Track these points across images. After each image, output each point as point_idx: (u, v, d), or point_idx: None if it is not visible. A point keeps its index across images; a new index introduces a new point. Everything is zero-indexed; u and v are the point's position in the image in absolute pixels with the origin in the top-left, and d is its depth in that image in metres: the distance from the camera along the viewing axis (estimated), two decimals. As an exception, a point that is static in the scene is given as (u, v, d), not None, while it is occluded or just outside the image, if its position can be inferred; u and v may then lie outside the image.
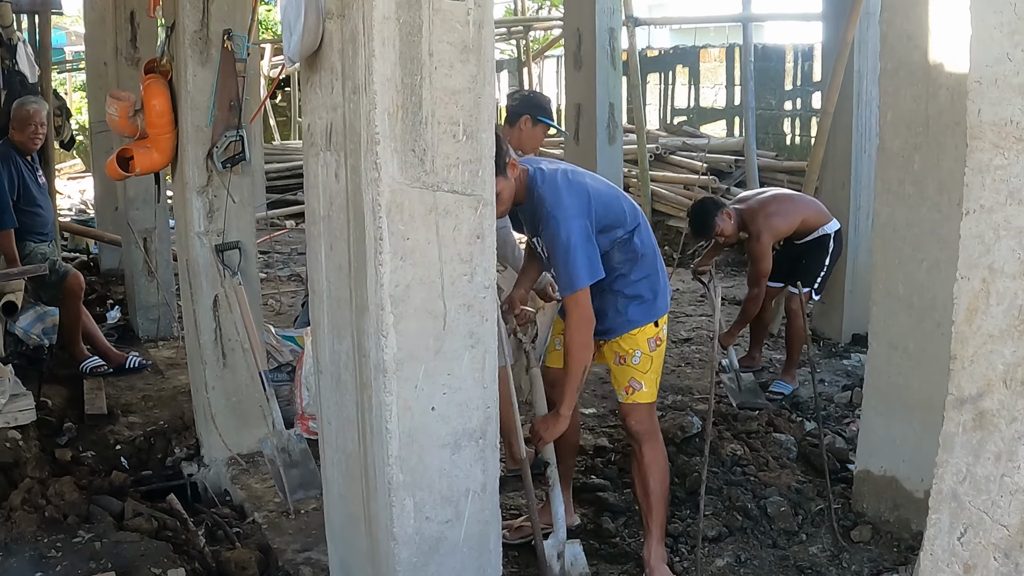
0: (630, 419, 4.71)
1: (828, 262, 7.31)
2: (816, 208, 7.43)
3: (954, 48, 4.52)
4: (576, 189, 4.37)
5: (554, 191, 4.32)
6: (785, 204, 7.37)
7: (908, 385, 4.96)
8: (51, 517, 4.82)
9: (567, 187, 4.35)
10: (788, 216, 7.25)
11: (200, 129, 5.55)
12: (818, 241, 7.31)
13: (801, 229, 7.31)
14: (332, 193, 3.37)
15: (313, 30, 3.23)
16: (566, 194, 4.32)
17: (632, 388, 4.64)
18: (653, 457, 4.73)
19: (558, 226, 4.26)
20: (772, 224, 7.16)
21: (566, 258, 4.25)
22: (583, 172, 4.59)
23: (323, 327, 3.63)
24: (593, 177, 4.62)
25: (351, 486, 3.62)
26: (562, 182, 4.37)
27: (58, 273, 7.49)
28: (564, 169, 4.50)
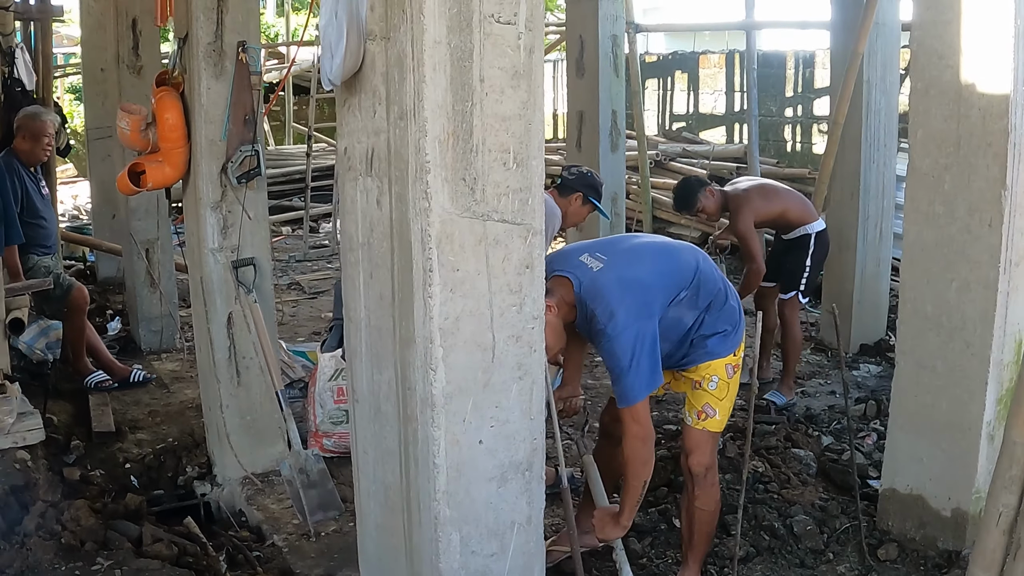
0: (693, 456, 4.55)
1: (809, 263, 7.23)
2: (801, 203, 7.36)
3: (986, 68, 4.48)
4: (627, 289, 4.18)
5: (605, 304, 4.14)
6: (769, 191, 7.35)
7: (936, 404, 4.91)
8: (68, 544, 4.74)
9: (618, 293, 4.16)
10: (770, 201, 7.20)
11: (214, 143, 5.47)
12: (798, 241, 7.26)
13: (782, 221, 7.26)
14: (373, 220, 3.29)
15: (355, 52, 3.17)
16: (617, 304, 4.13)
17: (705, 414, 4.50)
18: (707, 500, 4.63)
19: (612, 344, 4.11)
20: (752, 203, 7.13)
21: (622, 374, 4.12)
22: (631, 254, 4.42)
23: (360, 356, 3.55)
24: (639, 251, 4.47)
25: (391, 518, 3.55)
26: (610, 289, 4.17)
27: (62, 287, 7.39)
28: (611, 265, 4.28)
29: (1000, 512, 2.97)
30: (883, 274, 8.52)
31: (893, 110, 8.29)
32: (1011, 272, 4.58)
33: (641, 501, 4.38)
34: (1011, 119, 4.40)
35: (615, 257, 4.31)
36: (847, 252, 8.29)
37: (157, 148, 5.61)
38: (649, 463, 4.32)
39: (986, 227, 4.58)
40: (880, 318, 8.62)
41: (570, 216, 6.13)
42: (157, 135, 5.56)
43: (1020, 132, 4.44)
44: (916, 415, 5.02)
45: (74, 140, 14.50)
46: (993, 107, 4.47)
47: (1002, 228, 4.51)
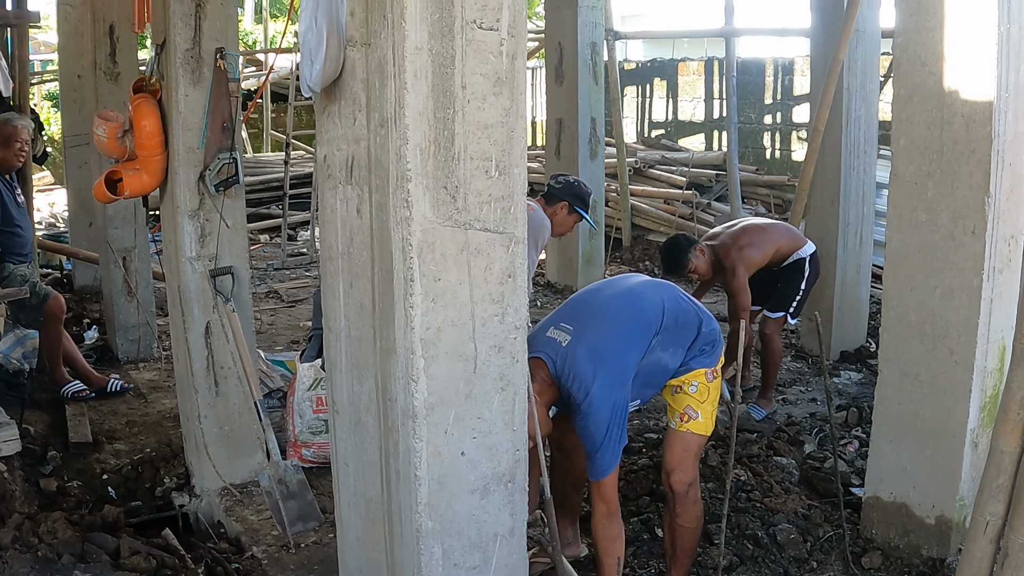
0: (675, 475, 4.55)
1: (804, 286, 7.24)
2: (789, 234, 7.36)
3: (969, 75, 4.48)
4: (600, 362, 4.15)
5: (579, 382, 4.12)
6: (757, 235, 7.28)
7: (919, 412, 4.91)
8: (45, 556, 4.66)
9: (590, 369, 4.13)
10: (762, 247, 7.18)
11: (192, 151, 5.42)
12: (794, 265, 7.25)
13: (776, 257, 7.24)
14: (353, 229, 3.25)
15: (335, 59, 3.12)
16: (591, 380, 4.12)
17: (688, 416, 4.50)
18: (689, 517, 4.62)
19: (587, 421, 4.13)
20: (746, 256, 7.09)
21: (595, 450, 4.15)
22: (596, 317, 4.38)
23: (340, 367, 3.51)
24: (603, 311, 4.43)
25: (372, 531, 3.50)
26: (582, 365, 4.14)
27: (38, 296, 7.31)
28: (578, 335, 4.24)
29: (987, 521, 2.96)
30: (863, 281, 8.53)
31: (873, 117, 8.30)
32: (995, 279, 4.57)
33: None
34: (994, 126, 4.40)
35: (581, 325, 4.29)
36: (827, 259, 8.28)
37: (134, 155, 5.55)
38: (619, 539, 4.34)
39: (969, 234, 4.57)
40: (860, 325, 8.63)
41: (556, 225, 6.14)
42: (134, 142, 5.50)
43: (1003, 139, 4.43)
44: (900, 423, 5.01)
45: (51, 147, 14.42)
46: (976, 114, 4.45)
47: (985, 235, 4.51)
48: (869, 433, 5.40)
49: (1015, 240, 4.64)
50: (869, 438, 5.36)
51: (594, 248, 10.69)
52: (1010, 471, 2.93)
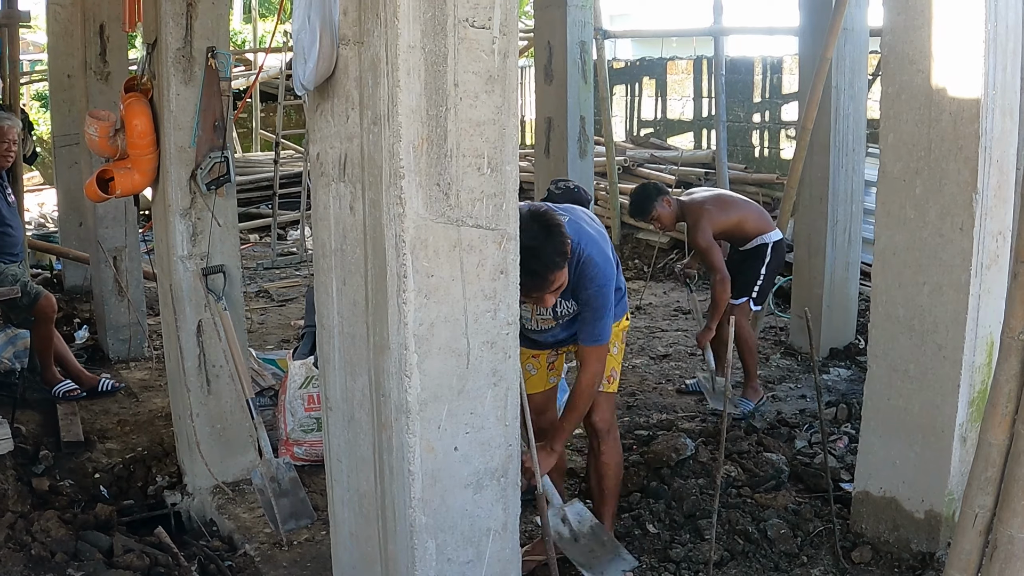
0: (597, 414, 4.89)
1: (764, 272, 7.21)
2: (758, 214, 7.35)
3: (957, 73, 4.49)
4: (604, 241, 4.52)
5: (598, 248, 4.42)
6: (725, 202, 7.31)
7: (908, 407, 4.93)
8: (38, 555, 4.66)
9: (600, 242, 4.47)
10: (726, 211, 7.18)
11: (183, 150, 5.43)
12: (755, 250, 7.25)
13: (739, 232, 7.23)
14: (346, 226, 3.27)
15: (328, 57, 3.14)
16: (610, 250, 4.50)
17: (612, 377, 4.90)
18: (613, 454, 5.01)
19: (607, 282, 4.42)
20: (708, 212, 7.08)
21: (605, 315, 4.46)
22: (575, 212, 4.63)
23: (333, 363, 3.53)
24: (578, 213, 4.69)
25: (365, 527, 3.52)
26: (592, 237, 4.45)
27: (29, 295, 7.31)
28: (580, 219, 4.54)
29: (976, 514, 2.98)
30: (852, 278, 8.56)
31: (861, 115, 8.32)
32: (982, 275, 4.60)
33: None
34: (982, 123, 4.42)
35: (572, 214, 4.52)
36: (816, 257, 8.33)
37: (126, 155, 5.55)
38: (594, 398, 4.71)
39: (957, 231, 4.59)
40: (849, 322, 8.66)
41: None
42: (126, 141, 5.51)
43: (991, 136, 4.46)
44: (889, 418, 5.03)
45: (40, 147, 14.42)
46: (964, 111, 4.48)
47: (973, 231, 4.53)
48: (859, 429, 5.43)
49: (1002, 236, 4.66)
50: (859, 434, 5.39)
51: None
52: (998, 464, 2.96)
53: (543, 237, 4.00)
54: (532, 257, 3.89)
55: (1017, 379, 2.91)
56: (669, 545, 5.16)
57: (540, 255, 3.96)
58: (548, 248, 4.02)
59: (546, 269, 4.03)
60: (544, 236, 4.00)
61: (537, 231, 3.96)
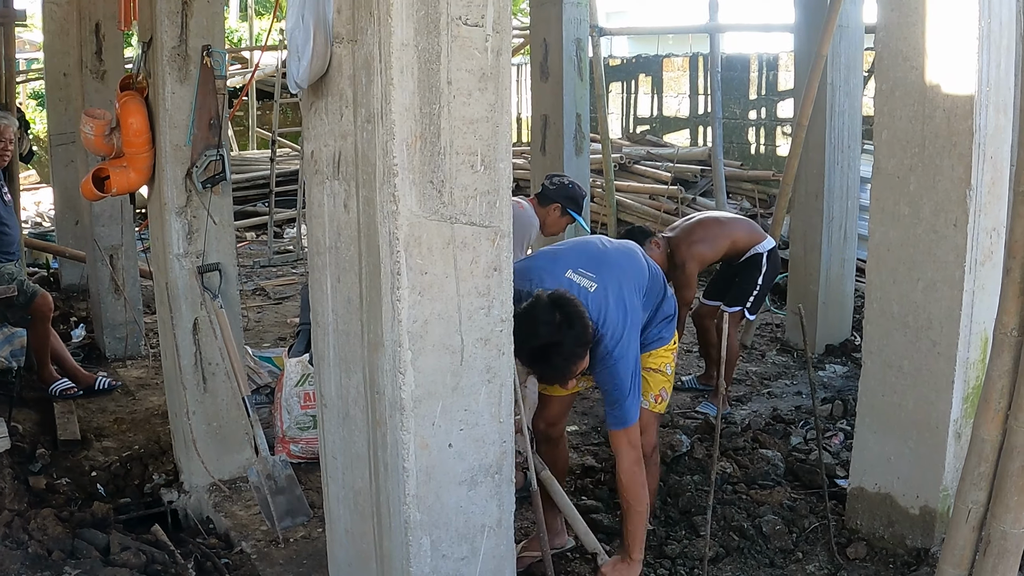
0: (645, 436, 4.66)
1: (761, 282, 7.21)
2: (747, 228, 7.34)
3: (951, 69, 4.51)
4: (625, 311, 4.28)
5: (613, 327, 4.22)
6: (712, 229, 7.26)
7: (903, 404, 4.94)
8: (35, 553, 4.65)
9: (620, 316, 4.25)
10: (714, 242, 7.16)
11: (179, 148, 5.43)
12: (751, 260, 7.25)
13: (732, 251, 7.24)
14: (340, 224, 3.28)
15: (322, 55, 3.15)
16: (622, 326, 4.23)
17: (661, 397, 4.77)
18: (653, 479, 4.87)
19: (617, 366, 4.21)
20: (696, 252, 7.07)
21: (624, 397, 4.24)
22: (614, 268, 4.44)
23: (328, 361, 3.53)
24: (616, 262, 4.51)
25: (360, 523, 3.53)
26: (613, 311, 4.24)
27: (26, 294, 7.32)
28: (603, 283, 4.31)
29: (969, 509, 3.00)
30: (847, 275, 8.57)
31: (857, 112, 8.33)
32: (976, 271, 4.61)
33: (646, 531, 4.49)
34: (976, 120, 4.43)
35: (602, 274, 4.35)
36: (812, 253, 8.34)
37: (121, 153, 5.56)
38: (646, 485, 4.44)
39: (952, 227, 4.60)
40: (845, 319, 8.67)
41: (548, 226, 6.19)
42: (121, 140, 5.52)
43: (985, 132, 4.46)
44: (883, 414, 5.05)
45: (36, 146, 14.41)
46: (958, 108, 4.49)
47: (967, 228, 4.54)
48: (854, 425, 5.44)
49: (996, 233, 4.66)
50: (854, 430, 5.40)
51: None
52: (991, 459, 2.97)
53: (565, 329, 3.93)
54: (554, 352, 3.93)
55: (1010, 375, 2.93)
56: (665, 541, 5.18)
57: (561, 349, 3.93)
58: (569, 341, 3.95)
59: (567, 362, 4.00)
60: (566, 328, 3.94)
61: (560, 322, 3.92)
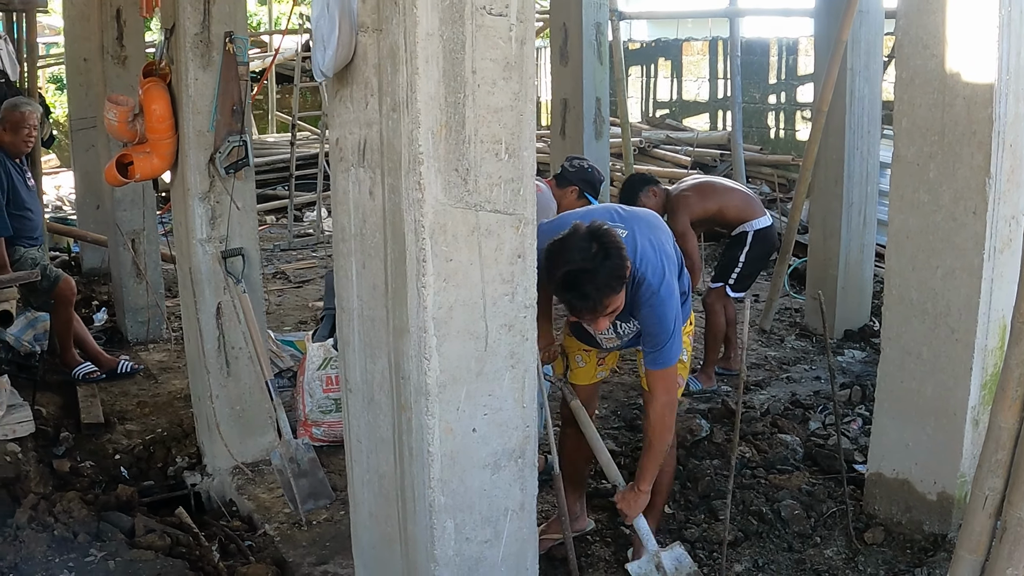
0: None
1: (743, 260, 7.25)
2: (742, 201, 7.38)
3: (971, 57, 4.52)
4: (663, 255, 4.26)
5: (655, 267, 4.19)
6: (707, 190, 7.37)
7: (921, 390, 4.96)
8: (60, 535, 4.72)
9: (659, 258, 4.23)
10: (706, 199, 7.24)
11: (202, 134, 5.48)
12: (737, 237, 7.30)
13: (720, 218, 7.31)
14: (366, 211, 3.31)
15: (347, 44, 3.18)
16: (663, 267, 4.21)
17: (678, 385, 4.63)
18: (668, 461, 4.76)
19: (664, 307, 4.19)
20: (685, 200, 7.20)
21: (667, 338, 4.22)
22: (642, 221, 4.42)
23: (353, 346, 3.57)
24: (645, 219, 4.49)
25: (385, 506, 3.58)
26: (652, 253, 4.21)
27: (49, 279, 7.38)
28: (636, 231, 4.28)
29: (986, 495, 3.02)
30: (867, 260, 8.56)
31: (876, 97, 8.32)
32: (995, 259, 4.62)
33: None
34: (995, 108, 4.44)
35: (632, 224, 4.32)
36: (831, 239, 8.34)
37: (145, 139, 5.60)
38: (672, 429, 4.45)
39: (971, 215, 4.62)
40: (864, 304, 8.67)
41: (564, 208, 6.20)
42: (145, 126, 5.56)
43: (1004, 121, 4.47)
44: (902, 401, 5.07)
45: (56, 130, 14.47)
46: (977, 96, 4.50)
47: (986, 216, 4.55)
48: (872, 411, 5.47)
49: (1015, 221, 4.68)
50: (872, 416, 5.43)
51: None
52: (1008, 447, 3.00)
53: (600, 259, 3.90)
54: (587, 279, 3.88)
55: (1028, 362, 2.95)
56: (684, 525, 5.23)
57: (595, 278, 3.89)
58: (604, 271, 3.90)
59: (600, 293, 3.94)
60: (602, 258, 3.90)
61: (596, 252, 3.90)
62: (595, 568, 4.86)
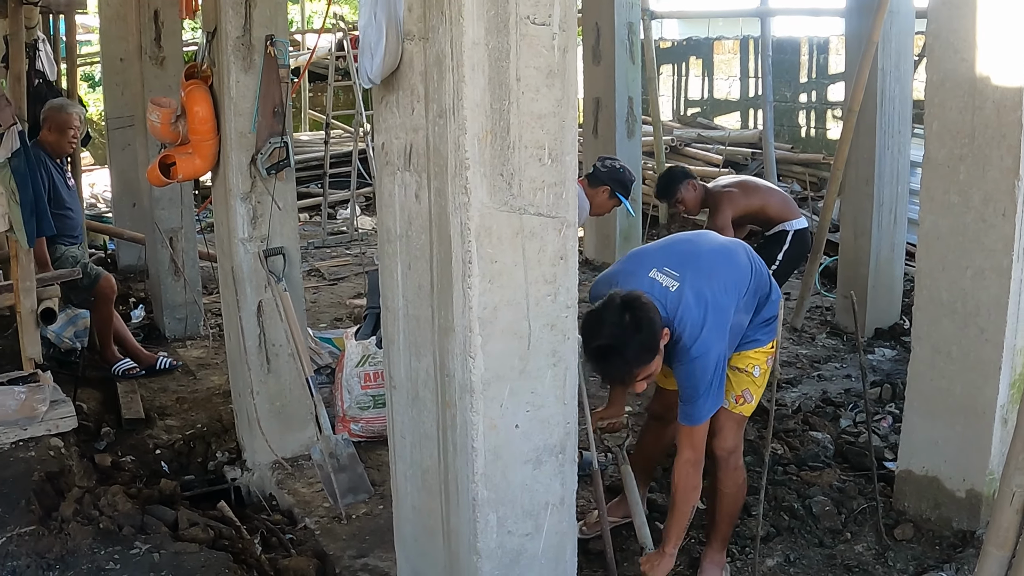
0: (717, 439, 4.59)
1: (781, 258, 7.26)
2: (782, 201, 7.41)
3: (1001, 62, 4.58)
4: (708, 310, 4.18)
5: (692, 325, 4.14)
6: (749, 188, 7.40)
7: (951, 389, 5.02)
8: (106, 528, 4.78)
9: (701, 314, 4.16)
10: (748, 196, 7.26)
11: (244, 135, 5.57)
12: (775, 236, 7.31)
13: (762, 216, 7.32)
14: (411, 213, 3.40)
15: (394, 52, 3.27)
16: (702, 325, 4.15)
17: (743, 399, 4.61)
18: (729, 483, 4.72)
19: (695, 365, 4.16)
20: (731, 197, 7.23)
21: (698, 397, 4.20)
22: (701, 268, 4.34)
23: (398, 344, 3.66)
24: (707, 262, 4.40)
25: (428, 500, 3.67)
26: (693, 310, 4.15)
27: (90, 276, 7.50)
28: (687, 282, 4.22)
29: (1014, 492, 3.07)
30: (897, 259, 8.57)
31: (907, 97, 8.33)
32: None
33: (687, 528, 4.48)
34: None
35: (686, 272, 4.28)
36: (862, 238, 8.36)
37: (187, 140, 5.71)
38: (698, 489, 4.41)
39: (1000, 216, 4.67)
40: (894, 303, 8.68)
41: (595, 207, 6.27)
42: (187, 127, 5.66)
43: (1033, 124, 4.53)
44: (932, 399, 5.12)
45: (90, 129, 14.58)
46: (1007, 99, 4.55)
47: (1016, 217, 4.61)
48: (902, 409, 5.52)
49: (1045, 222, 4.73)
50: (902, 414, 5.49)
51: (631, 226, 10.75)
52: (1037, 443, 3.05)
53: (631, 332, 3.93)
54: (616, 353, 3.92)
55: (1056, 362, 3.01)
56: (717, 521, 5.30)
57: (625, 351, 3.93)
58: (633, 345, 3.94)
59: (628, 366, 3.98)
60: (632, 331, 3.93)
61: (626, 325, 3.94)
62: (631, 562, 4.93)
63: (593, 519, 5.09)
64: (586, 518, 5.08)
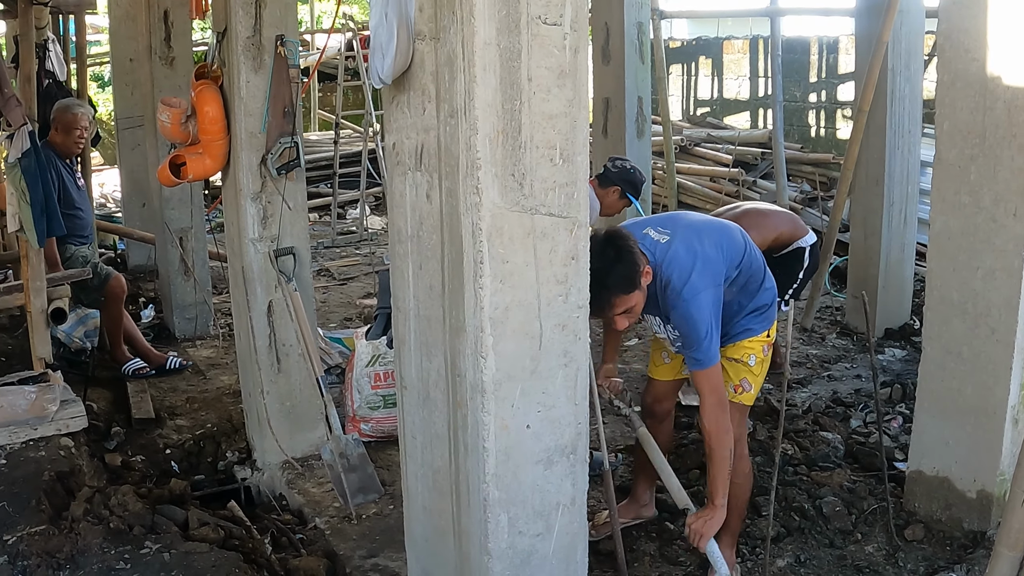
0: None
1: (802, 276, 7.21)
2: (791, 222, 7.34)
3: (1011, 62, 4.56)
4: (698, 258, 4.29)
5: (680, 270, 4.25)
6: (758, 219, 7.24)
7: (962, 389, 5.00)
8: (116, 528, 4.79)
9: (690, 261, 4.27)
10: (761, 231, 7.14)
11: (254, 135, 5.58)
12: (794, 254, 7.24)
13: (775, 244, 7.27)
14: (423, 213, 3.40)
15: (405, 52, 3.26)
16: (691, 270, 4.25)
17: (742, 388, 4.64)
18: (737, 472, 4.67)
19: (689, 307, 4.22)
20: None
21: (700, 339, 4.22)
22: (692, 229, 4.49)
23: (409, 344, 3.66)
24: (699, 227, 4.55)
25: (439, 501, 3.67)
26: (682, 258, 4.28)
27: (100, 276, 7.52)
28: (677, 238, 4.37)
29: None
30: (907, 259, 8.56)
31: (917, 97, 8.32)
32: (1034, 261, 4.67)
33: (729, 476, 4.43)
34: (1036, 111, 4.49)
35: (679, 231, 4.41)
36: (872, 238, 8.35)
37: (197, 140, 5.71)
38: (730, 432, 4.39)
39: (1011, 216, 4.67)
40: (905, 303, 8.67)
41: (606, 207, 6.27)
42: (197, 128, 5.67)
43: (1045, 124, 4.52)
44: (942, 399, 5.11)
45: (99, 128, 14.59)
46: (1018, 100, 4.54)
47: (1027, 218, 4.60)
48: (912, 409, 5.52)
49: (1056, 223, 4.72)
50: (912, 414, 5.48)
51: (640, 227, 10.72)
52: (1049, 444, 3.05)
53: (612, 260, 4.02)
54: (596, 279, 3.88)
55: (1068, 362, 3.00)
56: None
57: (604, 278, 3.95)
58: (614, 272, 4.02)
59: (608, 292, 4.02)
60: (613, 260, 4.03)
61: (609, 255, 4.02)
62: (641, 563, 4.94)
63: (601, 520, 5.09)
64: (594, 519, 5.07)
